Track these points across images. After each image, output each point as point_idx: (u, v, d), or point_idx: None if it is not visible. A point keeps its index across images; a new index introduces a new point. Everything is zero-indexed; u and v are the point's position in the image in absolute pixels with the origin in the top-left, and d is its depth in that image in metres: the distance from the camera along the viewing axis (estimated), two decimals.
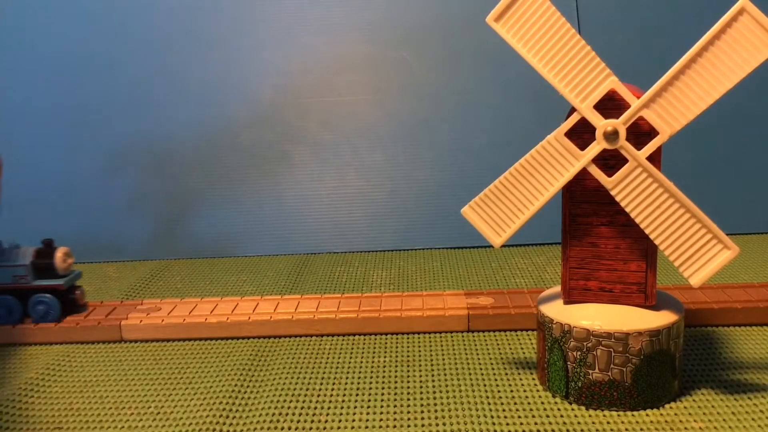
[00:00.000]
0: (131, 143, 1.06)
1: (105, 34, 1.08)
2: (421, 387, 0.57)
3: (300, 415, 0.54)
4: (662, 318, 0.52)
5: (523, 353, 0.63)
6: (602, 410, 0.52)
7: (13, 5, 1.09)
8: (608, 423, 0.51)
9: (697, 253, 0.49)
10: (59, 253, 0.72)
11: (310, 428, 0.52)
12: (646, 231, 0.50)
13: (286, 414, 0.54)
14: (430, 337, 0.67)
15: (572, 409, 0.53)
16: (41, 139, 1.06)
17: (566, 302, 0.55)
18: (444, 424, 0.51)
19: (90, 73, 1.08)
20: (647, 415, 0.51)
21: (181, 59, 1.08)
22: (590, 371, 0.52)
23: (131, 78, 1.08)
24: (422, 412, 0.53)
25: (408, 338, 0.68)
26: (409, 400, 0.55)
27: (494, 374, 0.59)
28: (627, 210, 0.50)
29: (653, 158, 0.50)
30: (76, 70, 1.08)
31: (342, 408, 0.54)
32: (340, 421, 0.53)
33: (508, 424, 0.51)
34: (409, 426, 0.51)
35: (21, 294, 0.71)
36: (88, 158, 1.05)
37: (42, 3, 1.09)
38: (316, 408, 0.55)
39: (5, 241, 0.73)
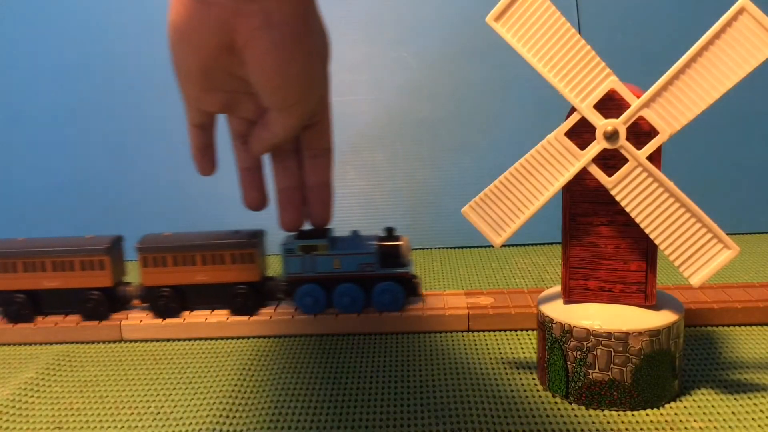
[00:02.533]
0: (131, 143, 1.06)
1: (105, 34, 1.08)
2: (421, 387, 0.57)
3: (300, 415, 0.54)
4: (662, 318, 0.52)
5: (523, 353, 0.63)
6: (602, 410, 0.52)
7: (12, 5, 1.09)
8: (608, 423, 0.51)
9: (697, 252, 0.49)
10: (404, 241, 0.70)
11: (310, 428, 0.52)
12: (646, 231, 0.50)
13: (286, 414, 0.54)
14: (430, 337, 0.67)
15: (572, 409, 0.53)
16: (41, 139, 1.06)
17: (566, 302, 0.55)
18: (444, 424, 0.51)
19: (89, 75, 1.08)
20: (647, 415, 0.51)
21: None
22: (590, 371, 0.52)
23: (132, 79, 1.08)
24: (422, 412, 0.53)
25: (408, 338, 0.68)
26: (409, 400, 0.55)
27: (494, 374, 0.59)
28: (627, 210, 0.50)
29: (653, 158, 0.50)
30: (76, 70, 1.08)
31: (342, 408, 0.54)
32: (340, 421, 0.53)
33: (508, 424, 0.51)
34: (409, 426, 0.51)
35: (364, 282, 0.69)
36: (89, 158, 1.05)
37: (42, 3, 1.09)
38: (316, 408, 0.55)
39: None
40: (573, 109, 0.51)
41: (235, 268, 0.70)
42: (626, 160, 0.50)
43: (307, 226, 0.68)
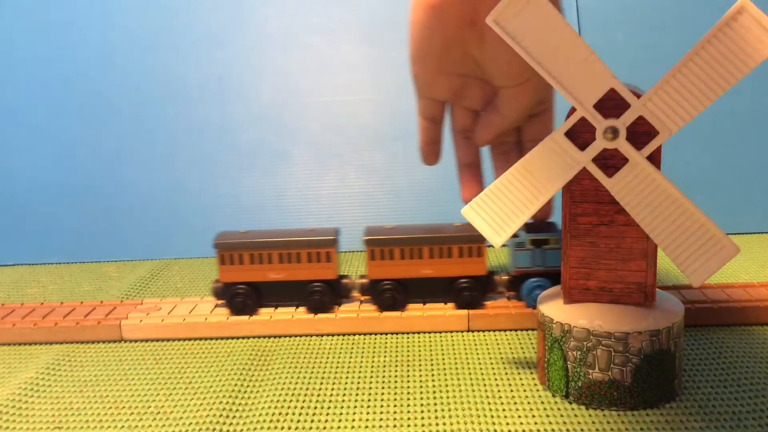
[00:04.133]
0: (131, 143, 1.06)
1: (105, 35, 1.08)
2: (421, 387, 0.57)
3: (300, 415, 0.54)
4: (662, 318, 0.52)
5: (523, 353, 0.63)
6: (602, 410, 0.52)
7: (12, 5, 1.09)
8: (608, 423, 0.51)
9: (697, 252, 0.49)
10: None
11: (310, 428, 0.52)
12: (646, 231, 0.50)
13: (286, 414, 0.54)
14: (430, 337, 0.67)
15: (572, 409, 0.53)
16: (40, 140, 1.06)
17: (566, 302, 0.55)
18: (444, 424, 0.51)
19: (90, 73, 1.08)
20: (647, 415, 0.51)
21: (181, 60, 1.08)
22: (590, 371, 0.52)
23: (131, 78, 1.08)
24: (422, 412, 0.53)
25: (408, 338, 0.68)
26: (409, 400, 0.55)
27: (494, 374, 0.59)
28: (627, 209, 0.50)
29: (653, 158, 0.50)
30: (76, 70, 1.08)
31: (342, 408, 0.54)
32: (340, 421, 0.53)
33: (508, 423, 0.51)
34: (409, 426, 0.51)
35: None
36: (88, 158, 1.05)
37: (42, 3, 1.09)
38: (316, 408, 0.55)
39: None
40: (573, 109, 0.51)
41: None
42: (626, 160, 0.50)
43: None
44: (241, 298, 0.70)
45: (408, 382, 0.58)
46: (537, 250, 0.68)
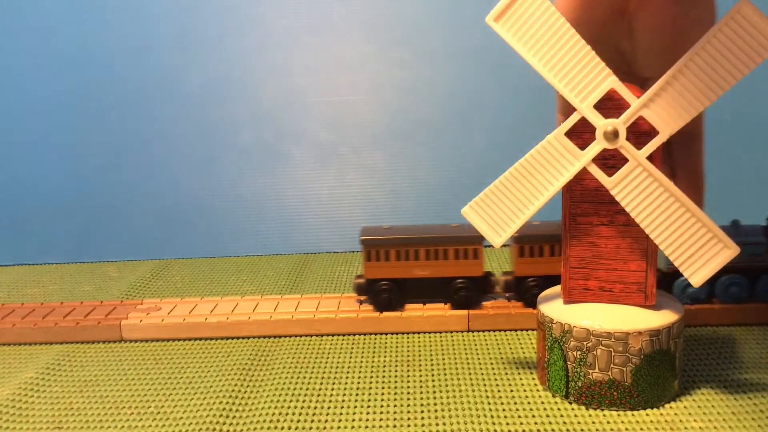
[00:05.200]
0: (131, 143, 1.06)
1: (105, 35, 1.08)
2: (421, 387, 0.57)
3: (300, 415, 0.54)
4: (662, 318, 0.52)
5: (523, 353, 0.63)
6: (602, 410, 0.52)
7: (12, 7, 1.09)
8: (608, 423, 0.51)
9: (698, 252, 0.49)
10: None
11: (310, 428, 0.52)
12: (646, 231, 0.50)
13: (286, 414, 0.54)
14: (430, 337, 0.67)
15: (572, 409, 0.53)
16: (41, 140, 1.06)
17: (566, 302, 0.55)
18: (444, 424, 0.51)
19: (90, 73, 1.08)
20: (647, 415, 0.51)
21: (181, 59, 1.08)
22: (590, 371, 0.52)
23: (131, 78, 1.08)
24: (422, 412, 0.53)
25: (408, 338, 0.68)
26: (409, 400, 0.55)
27: (494, 374, 0.59)
28: (627, 210, 0.50)
29: (653, 158, 0.50)
30: (77, 70, 1.08)
31: (342, 408, 0.54)
32: (340, 421, 0.53)
33: (508, 424, 0.51)
34: (409, 426, 0.51)
35: (749, 273, 0.67)
36: (88, 158, 1.05)
37: (42, 5, 1.09)
38: (316, 408, 0.55)
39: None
40: (573, 109, 0.51)
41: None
42: (626, 160, 0.50)
43: None
44: (387, 295, 0.69)
45: (408, 382, 0.58)
46: None
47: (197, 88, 1.07)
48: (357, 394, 0.56)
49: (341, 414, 0.54)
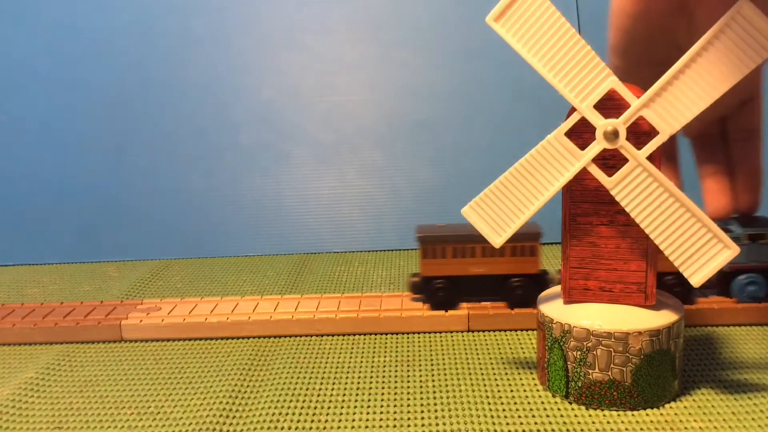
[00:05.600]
0: (131, 143, 1.06)
1: (105, 35, 1.08)
2: (421, 387, 0.57)
3: (300, 415, 0.54)
4: (662, 318, 0.52)
5: (523, 353, 0.63)
6: (602, 410, 0.52)
7: (13, 6, 1.09)
8: (608, 423, 0.51)
9: (698, 252, 0.49)
10: None
11: (310, 428, 0.52)
12: (647, 231, 0.50)
13: (286, 414, 0.54)
14: (430, 337, 0.67)
15: (572, 409, 0.53)
16: (41, 140, 1.06)
17: (566, 302, 0.55)
18: (444, 424, 0.51)
19: (90, 74, 1.08)
20: (647, 415, 0.51)
21: (181, 60, 1.08)
22: (590, 371, 0.52)
23: (131, 78, 1.08)
24: (422, 412, 0.53)
25: (408, 338, 0.68)
26: (409, 400, 0.55)
27: (494, 374, 0.59)
28: (627, 210, 0.50)
29: (653, 158, 0.50)
30: (76, 72, 1.08)
31: (342, 408, 0.54)
32: (340, 421, 0.53)
33: (508, 424, 0.51)
34: (409, 426, 0.51)
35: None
36: (88, 158, 1.05)
37: (43, 4, 1.09)
38: (316, 408, 0.55)
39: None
40: (573, 109, 0.51)
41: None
42: (626, 160, 0.50)
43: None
44: (443, 293, 0.69)
45: (408, 382, 0.58)
46: (753, 244, 0.66)
47: (197, 89, 1.07)
48: (357, 394, 0.56)
49: (341, 414, 0.54)
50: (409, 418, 0.52)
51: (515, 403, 0.54)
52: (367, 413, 0.53)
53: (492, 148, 1.03)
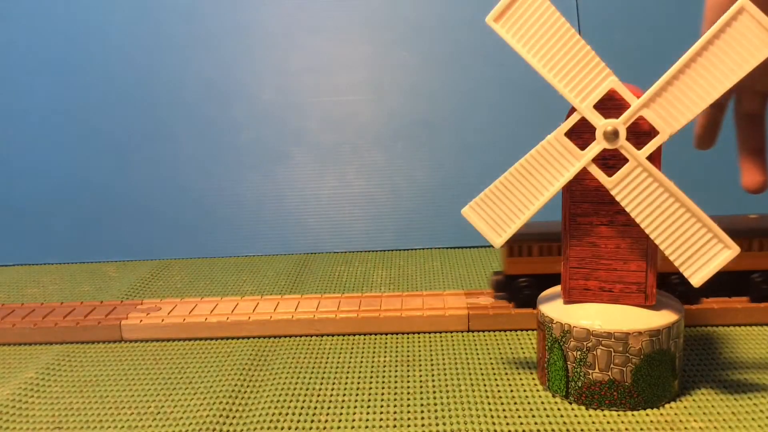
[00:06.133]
0: (131, 143, 1.06)
1: (105, 35, 1.08)
2: (421, 387, 0.57)
3: (300, 415, 0.54)
4: (662, 318, 0.52)
5: (523, 353, 0.63)
6: (602, 410, 0.52)
7: (14, 5, 1.09)
8: (608, 423, 0.51)
9: (698, 252, 0.49)
10: None
11: (310, 428, 0.52)
12: (647, 231, 0.50)
13: (286, 414, 0.54)
14: (430, 337, 0.67)
15: (572, 409, 0.53)
16: (41, 139, 1.06)
17: (566, 302, 0.55)
18: (444, 424, 0.51)
19: (89, 73, 1.08)
20: (647, 415, 0.51)
21: (181, 60, 1.08)
22: (590, 371, 0.52)
23: (130, 78, 1.08)
24: (422, 412, 0.53)
25: (408, 338, 0.68)
26: (409, 400, 0.55)
27: (494, 374, 0.59)
28: (627, 210, 0.50)
29: (653, 158, 0.50)
30: (76, 72, 1.08)
31: (342, 408, 0.54)
32: (340, 421, 0.53)
33: (508, 424, 0.51)
34: (409, 426, 0.51)
35: None
36: (88, 158, 1.05)
37: (43, 3, 1.09)
38: (316, 408, 0.55)
39: None
40: (573, 109, 0.51)
41: None
42: (626, 160, 0.50)
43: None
44: (529, 291, 0.68)
45: (408, 382, 0.58)
46: None
47: (198, 89, 1.07)
48: (357, 394, 0.56)
49: (341, 414, 0.54)
50: (409, 418, 0.52)
51: (515, 403, 0.54)
52: (367, 413, 0.53)
53: (492, 149, 1.03)
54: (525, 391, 0.56)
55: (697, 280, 0.50)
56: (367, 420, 0.52)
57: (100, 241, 1.01)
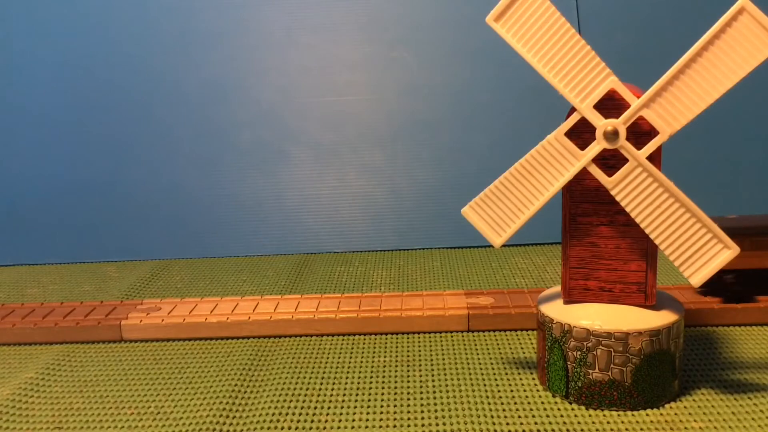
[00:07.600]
0: (131, 143, 1.06)
1: (105, 35, 1.08)
2: (421, 387, 0.57)
3: (300, 415, 0.54)
4: (662, 318, 0.52)
5: (523, 353, 0.63)
6: (602, 410, 0.52)
7: (14, 5, 1.09)
8: (608, 423, 0.51)
9: (698, 252, 0.49)
10: None
11: (310, 428, 0.52)
12: (646, 231, 0.50)
13: (286, 414, 0.54)
14: (430, 337, 0.67)
15: (572, 409, 0.53)
16: (41, 140, 1.06)
17: (566, 302, 0.55)
18: (444, 424, 0.51)
19: (90, 74, 1.08)
20: (647, 415, 0.51)
21: (181, 59, 1.08)
22: (590, 371, 0.52)
23: (130, 78, 1.08)
24: (422, 412, 0.53)
25: (408, 338, 0.68)
26: (409, 400, 0.55)
27: (494, 374, 0.59)
28: (627, 210, 0.50)
29: (653, 158, 0.50)
30: (76, 71, 1.08)
31: (342, 408, 0.54)
32: (340, 421, 0.53)
33: (508, 424, 0.51)
34: (409, 426, 0.51)
35: None
36: (88, 158, 1.05)
37: (41, 4, 1.09)
38: (316, 408, 0.55)
39: None
40: (573, 109, 0.51)
41: None
42: (626, 160, 0.50)
43: None
44: (739, 287, 0.67)
45: (408, 382, 0.58)
46: None
47: (197, 88, 1.07)
48: (357, 394, 0.56)
49: (341, 414, 0.54)
50: (409, 418, 0.52)
51: (515, 403, 0.54)
52: (367, 413, 0.53)
53: (492, 148, 1.03)
54: (525, 391, 0.56)
55: (696, 280, 0.50)
56: (367, 420, 0.52)
57: (100, 241, 1.01)
